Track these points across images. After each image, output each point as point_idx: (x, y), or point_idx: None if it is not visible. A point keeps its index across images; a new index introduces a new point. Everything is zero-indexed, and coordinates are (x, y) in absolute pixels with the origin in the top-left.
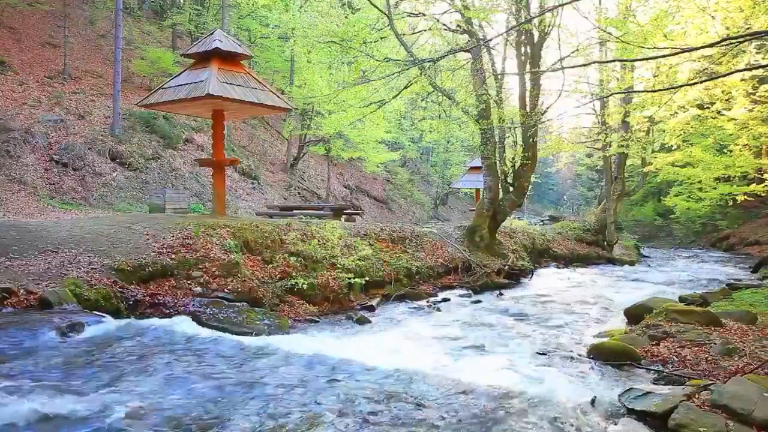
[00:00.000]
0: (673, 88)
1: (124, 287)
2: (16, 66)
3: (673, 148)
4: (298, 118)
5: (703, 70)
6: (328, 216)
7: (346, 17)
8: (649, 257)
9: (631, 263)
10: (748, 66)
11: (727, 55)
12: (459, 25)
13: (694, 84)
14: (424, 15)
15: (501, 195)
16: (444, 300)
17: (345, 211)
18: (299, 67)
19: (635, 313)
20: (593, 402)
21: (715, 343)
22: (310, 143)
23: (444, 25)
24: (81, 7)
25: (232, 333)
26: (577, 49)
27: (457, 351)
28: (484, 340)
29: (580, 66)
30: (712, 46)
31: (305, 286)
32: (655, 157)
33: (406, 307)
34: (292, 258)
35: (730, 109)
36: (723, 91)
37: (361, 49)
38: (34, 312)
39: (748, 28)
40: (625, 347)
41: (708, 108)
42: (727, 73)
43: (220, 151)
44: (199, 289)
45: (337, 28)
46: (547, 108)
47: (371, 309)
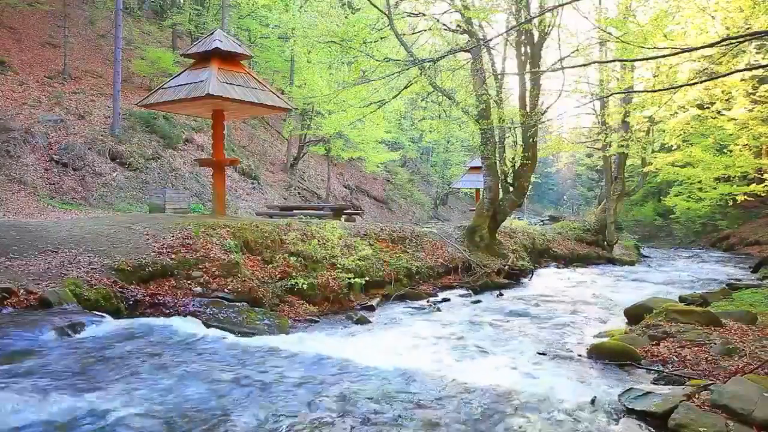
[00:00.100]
0: (673, 88)
1: (124, 287)
2: (16, 66)
3: (673, 148)
4: (298, 118)
5: (703, 70)
6: (328, 216)
7: (346, 17)
8: (649, 257)
9: (631, 263)
10: (748, 66)
11: (727, 55)
12: (459, 25)
13: (694, 84)
14: (424, 15)
15: (501, 195)
16: (444, 300)
17: (345, 211)
18: (299, 67)
19: (635, 313)
20: (593, 402)
21: (715, 343)
22: (310, 143)
23: (444, 25)
24: (81, 7)
25: (232, 333)
26: (577, 49)
27: (457, 351)
28: (484, 340)
29: (580, 66)
30: (712, 46)
31: (305, 286)
32: (655, 157)
33: (406, 307)
34: (292, 258)
35: (730, 109)
36: (723, 91)
37: (361, 49)
38: (34, 312)
39: (748, 28)
40: (625, 347)
41: (708, 108)
42: (727, 73)
43: (220, 151)
44: (199, 289)
45: (337, 28)
46: (547, 108)
47: (371, 309)
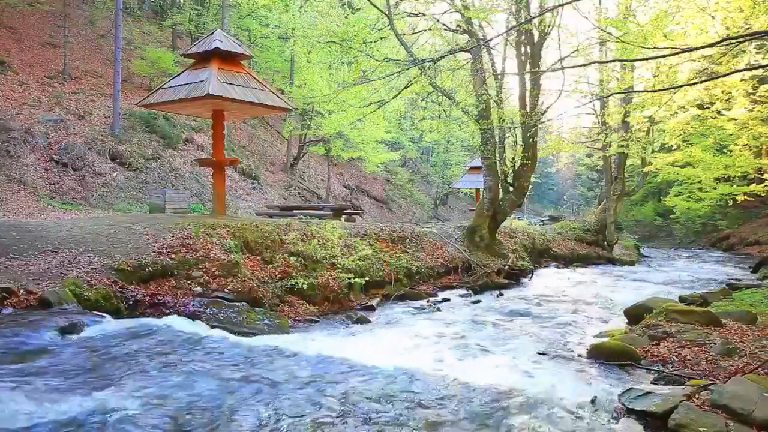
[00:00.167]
0: (673, 88)
1: (124, 287)
2: (16, 66)
3: (673, 148)
4: (298, 118)
5: (703, 70)
6: (328, 216)
7: (346, 17)
8: (649, 257)
9: (631, 263)
10: (748, 66)
11: (727, 55)
12: (459, 25)
13: (694, 84)
14: (424, 15)
15: (501, 195)
16: (444, 300)
17: (345, 211)
18: (299, 67)
19: (635, 313)
20: (593, 402)
21: (715, 343)
22: (310, 143)
23: (444, 25)
24: (81, 7)
25: (232, 333)
26: (577, 49)
27: (458, 351)
28: (484, 340)
29: (580, 66)
30: (712, 46)
31: (305, 286)
32: (655, 157)
33: (406, 307)
34: (292, 258)
35: (730, 109)
36: (723, 91)
37: (361, 49)
38: (34, 312)
39: (748, 28)
40: (625, 347)
41: (708, 108)
42: (727, 73)
43: (220, 151)
44: (199, 289)
45: (337, 28)
46: (547, 108)
47: (371, 309)
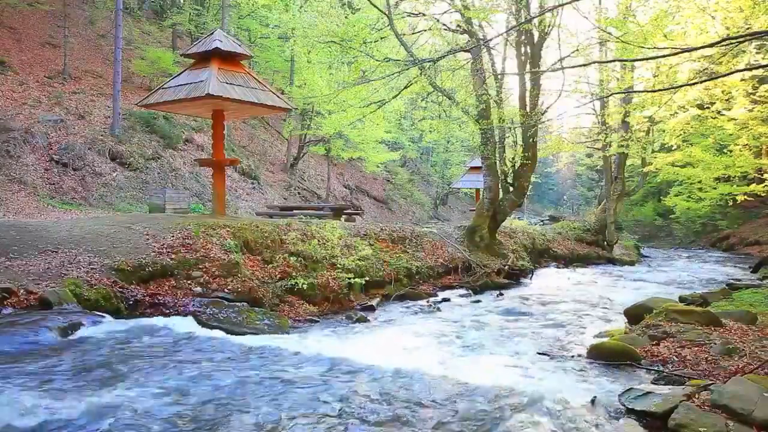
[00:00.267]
0: (673, 88)
1: (124, 287)
2: (16, 66)
3: (673, 148)
4: (298, 118)
5: (703, 70)
6: (328, 216)
7: (346, 17)
8: (649, 257)
9: (631, 263)
10: (748, 66)
11: (727, 55)
12: (459, 25)
13: (694, 84)
14: (424, 15)
15: (501, 195)
16: (444, 300)
17: (345, 211)
18: (299, 67)
19: (635, 313)
20: (593, 402)
21: (715, 343)
22: (310, 143)
23: (444, 25)
24: (81, 7)
25: (232, 333)
26: (577, 49)
27: (458, 351)
28: (484, 340)
29: (580, 66)
30: (712, 46)
31: (305, 286)
32: (655, 157)
33: (405, 307)
34: (292, 258)
35: (730, 109)
36: (723, 91)
37: (361, 49)
38: (34, 312)
39: (748, 28)
40: (625, 347)
41: (708, 108)
42: (727, 73)
43: (220, 151)
44: (199, 289)
45: (337, 28)
46: (547, 108)
47: (371, 309)
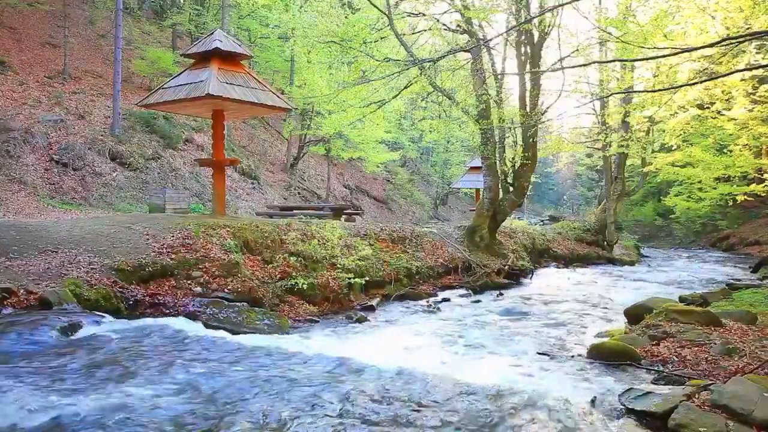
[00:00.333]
0: (673, 88)
1: (124, 287)
2: (16, 66)
3: (673, 148)
4: (298, 118)
5: (703, 70)
6: (328, 216)
7: (346, 17)
8: (649, 257)
9: (631, 263)
10: (748, 66)
11: (727, 55)
12: (459, 25)
13: (694, 84)
14: (424, 15)
15: (501, 195)
16: (444, 300)
17: (345, 211)
18: (299, 67)
19: (635, 313)
20: (593, 402)
21: (715, 343)
22: (310, 143)
23: (444, 25)
24: (81, 7)
25: (232, 333)
26: (577, 49)
27: (457, 351)
28: (484, 340)
29: (580, 66)
30: (712, 46)
31: (305, 286)
32: (655, 157)
33: (406, 307)
34: (292, 258)
35: (730, 109)
36: (723, 91)
37: (361, 49)
38: (34, 312)
39: (748, 28)
40: (625, 347)
41: (708, 108)
42: (727, 73)
43: (220, 151)
44: (199, 289)
45: (337, 28)
46: (547, 108)
47: (371, 309)
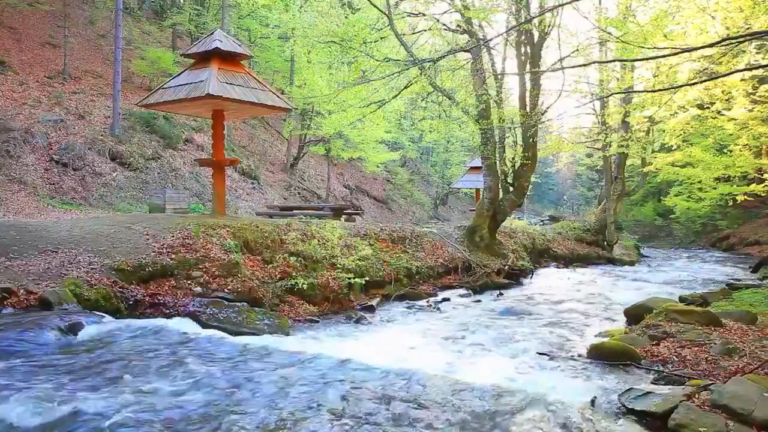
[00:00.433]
0: (673, 88)
1: (124, 287)
2: (16, 66)
3: (673, 148)
4: (298, 118)
5: (703, 70)
6: (328, 216)
7: (346, 17)
8: (649, 257)
9: (631, 263)
10: (748, 66)
11: (727, 55)
12: (459, 25)
13: (694, 84)
14: (424, 15)
15: (501, 195)
16: (444, 300)
17: (345, 211)
18: (299, 67)
19: (635, 313)
20: (593, 402)
21: (715, 343)
22: (310, 143)
23: (444, 25)
24: (81, 7)
25: (232, 333)
26: (577, 49)
27: (457, 351)
28: (484, 340)
29: (580, 66)
30: (712, 46)
31: (305, 286)
32: (655, 157)
33: (406, 307)
34: (292, 258)
35: (730, 109)
36: (723, 91)
37: (361, 49)
38: (34, 312)
39: (748, 28)
40: (625, 347)
41: (708, 108)
42: (727, 73)
43: (220, 151)
44: (199, 289)
45: (337, 28)
46: (547, 108)
47: (371, 309)
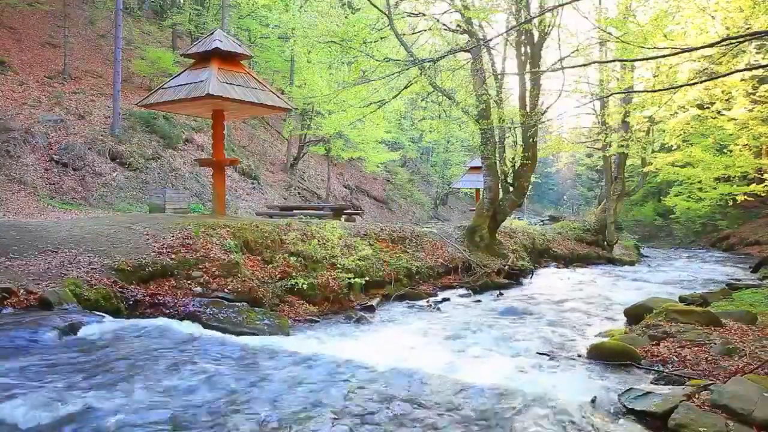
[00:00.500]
0: (673, 88)
1: (124, 287)
2: (16, 66)
3: (673, 148)
4: (298, 118)
5: (703, 70)
6: (328, 216)
7: (346, 17)
8: (649, 257)
9: (631, 263)
10: (748, 66)
11: (727, 55)
12: (459, 25)
13: (694, 84)
14: (424, 15)
15: (501, 195)
16: (444, 300)
17: (345, 211)
18: (299, 67)
19: (635, 313)
20: (593, 402)
21: (715, 343)
22: (310, 143)
23: (444, 25)
24: (81, 7)
25: (232, 333)
26: (577, 49)
27: (457, 351)
28: (484, 340)
29: (580, 66)
30: (712, 46)
31: (305, 286)
32: (655, 157)
33: (406, 307)
34: (292, 258)
35: (730, 109)
36: (723, 91)
37: (361, 49)
38: (34, 312)
39: (748, 28)
40: (625, 347)
41: (708, 108)
42: (727, 73)
43: (220, 151)
44: (199, 289)
45: (337, 28)
46: (547, 108)
47: (371, 309)
